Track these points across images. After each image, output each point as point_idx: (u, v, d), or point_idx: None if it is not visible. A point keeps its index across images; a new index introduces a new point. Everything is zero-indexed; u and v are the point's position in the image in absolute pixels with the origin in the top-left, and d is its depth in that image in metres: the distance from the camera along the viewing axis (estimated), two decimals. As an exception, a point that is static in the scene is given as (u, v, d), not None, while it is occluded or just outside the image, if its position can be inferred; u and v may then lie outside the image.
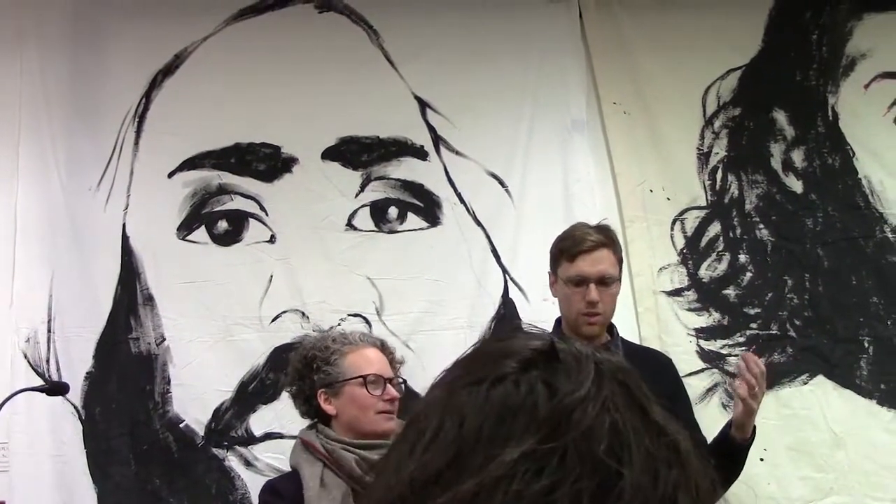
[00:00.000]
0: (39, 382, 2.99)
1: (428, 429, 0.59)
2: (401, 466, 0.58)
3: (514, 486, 0.52)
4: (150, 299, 3.22)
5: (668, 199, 3.38)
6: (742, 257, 3.34)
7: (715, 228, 3.36)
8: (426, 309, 3.26)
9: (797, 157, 3.40)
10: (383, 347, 2.45)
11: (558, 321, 2.60)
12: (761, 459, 3.03)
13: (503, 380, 0.59)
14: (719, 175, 3.39)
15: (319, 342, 2.42)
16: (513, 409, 0.56)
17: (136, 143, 3.31)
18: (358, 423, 2.30)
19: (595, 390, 0.57)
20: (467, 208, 3.34)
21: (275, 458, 3.13)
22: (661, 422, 0.59)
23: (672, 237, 3.36)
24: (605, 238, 2.52)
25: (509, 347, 0.63)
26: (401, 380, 2.41)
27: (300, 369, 2.38)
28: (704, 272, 3.34)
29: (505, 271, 3.31)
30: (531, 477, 0.52)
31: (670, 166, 3.40)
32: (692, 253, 3.35)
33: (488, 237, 3.33)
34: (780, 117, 3.41)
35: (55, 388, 2.74)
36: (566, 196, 3.35)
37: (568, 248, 2.50)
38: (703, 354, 3.26)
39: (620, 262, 2.54)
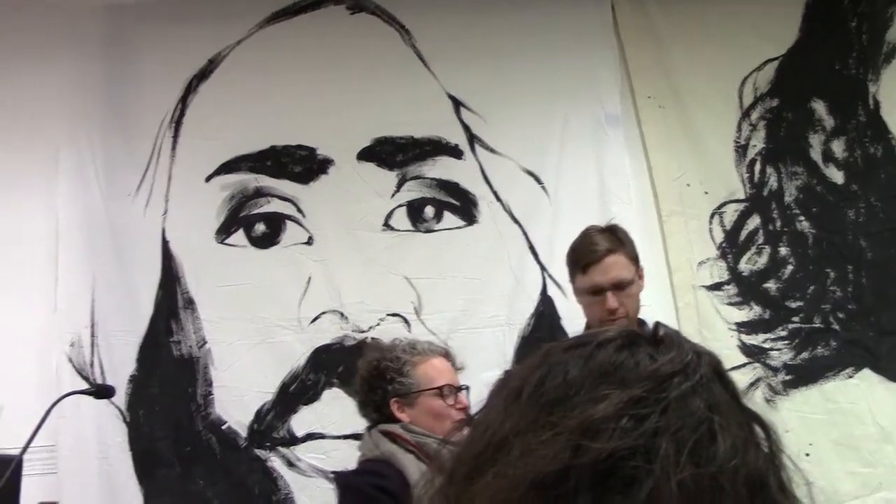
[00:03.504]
0: (85, 386, 3.03)
1: (526, 384, 0.60)
2: (497, 418, 0.59)
3: (622, 424, 0.53)
4: (190, 303, 3.25)
5: (706, 192, 3.35)
6: (783, 250, 3.30)
7: (754, 221, 3.32)
8: (464, 307, 3.26)
9: (837, 147, 3.35)
10: (447, 355, 2.48)
11: (587, 326, 2.58)
12: (807, 455, 2.99)
13: (606, 344, 0.60)
14: (757, 167, 3.35)
15: (388, 352, 2.45)
16: (616, 366, 0.58)
17: (174, 148, 3.34)
18: (433, 432, 2.31)
19: (693, 368, 0.58)
20: (503, 206, 3.34)
21: (317, 458, 3.15)
22: (752, 408, 0.61)
23: (710, 231, 3.33)
24: (614, 242, 2.47)
25: (613, 329, 0.64)
26: (465, 386, 2.44)
27: (370, 379, 2.41)
28: (744, 266, 3.31)
29: (543, 268, 3.30)
30: (636, 421, 0.53)
31: (707, 160, 3.37)
32: (731, 247, 3.32)
33: (525, 234, 3.32)
34: (819, 107, 3.36)
35: (101, 391, 2.77)
36: (602, 191, 3.33)
37: (578, 259, 2.48)
38: (745, 349, 3.23)
39: (635, 259, 2.49)
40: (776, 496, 0.56)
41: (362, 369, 2.46)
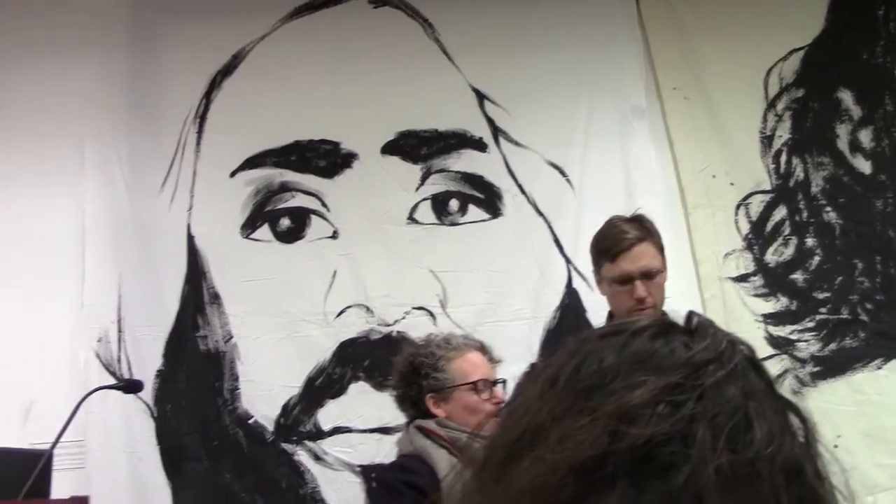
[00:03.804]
0: (112, 381, 3.05)
1: (562, 371, 0.60)
2: (533, 405, 0.59)
3: (659, 410, 0.53)
4: (216, 298, 3.26)
5: (732, 184, 3.34)
6: (809, 241, 3.28)
7: (780, 212, 3.30)
8: (490, 300, 3.26)
9: (865, 137, 3.33)
10: (483, 349, 2.49)
11: (610, 315, 2.57)
12: (835, 446, 2.96)
13: (641, 333, 0.60)
14: (783, 158, 3.34)
15: (423, 347, 2.47)
16: (651, 354, 0.58)
17: (198, 143, 3.35)
18: (468, 426, 2.32)
19: (728, 356, 0.58)
20: (528, 198, 3.33)
21: (343, 452, 3.16)
22: (788, 398, 0.60)
23: (736, 222, 3.32)
24: (642, 231, 2.45)
25: (647, 318, 0.64)
26: (501, 380, 2.44)
27: (406, 374, 2.42)
28: (771, 257, 3.29)
29: (568, 261, 3.29)
30: (673, 407, 0.53)
31: (733, 151, 3.36)
32: (758, 238, 3.30)
33: (550, 227, 3.32)
34: (846, 97, 3.34)
35: (130, 386, 2.79)
36: (627, 183, 3.32)
37: (607, 248, 2.46)
38: (772, 340, 3.21)
39: (662, 249, 2.48)
40: (813, 482, 0.56)
41: (398, 365, 2.48)
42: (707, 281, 3.28)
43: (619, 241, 2.43)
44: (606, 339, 0.61)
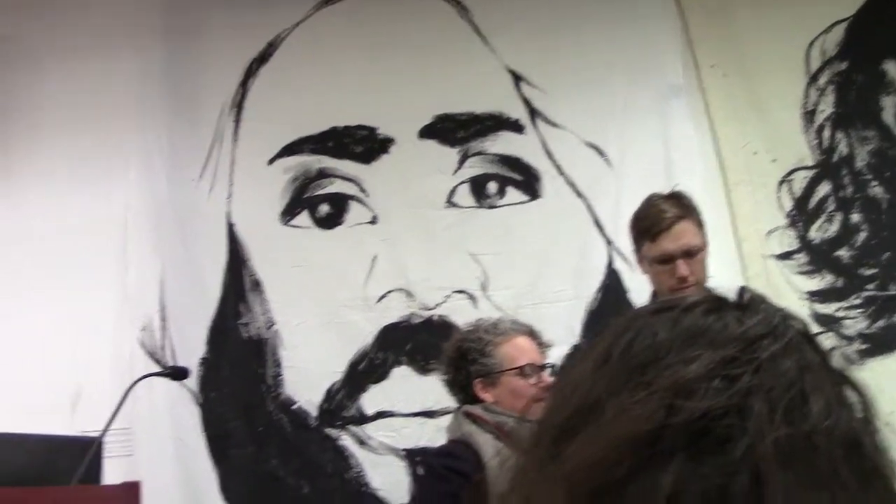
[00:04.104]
0: (158, 369, 3.07)
1: (614, 348, 0.60)
2: (586, 382, 0.59)
3: (714, 384, 0.53)
4: (257, 285, 3.28)
5: (773, 160, 3.29)
6: (855, 216, 3.22)
7: (824, 188, 3.25)
8: (530, 282, 3.25)
9: (911, 109, 3.26)
10: (532, 334, 2.48)
11: (654, 294, 2.55)
12: (886, 424, 2.93)
13: (693, 308, 0.60)
14: (826, 133, 3.27)
15: (471, 333, 2.47)
16: (704, 329, 0.58)
17: (236, 132, 3.37)
18: (516, 411, 2.32)
19: (782, 330, 0.58)
20: (567, 179, 3.31)
21: (387, 436, 3.17)
22: (844, 372, 0.60)
23: (779, 199, 3.27)
24: (682, 209, 2.42)
25: (699, 294, 0.64)
26: (550, 364, 2.44)
27: (454, 359, 2.43)
28: (815, 234, 3.24)
29: (608, 241, 3.26)
30: (728, 381, 0.53)
31: (774, 127, 3.30)
32: (801, 214, 3.25)
33: (590, 207, 3.29)
34: (892, 69, 3.27)
35: (177, 373, 2.80)
36: (667, 162, 3.28)
37: (647, 228, 2.42)
38: (818, 318, 3.16)
39: (702, 226, 2.44)
40: (871, 455, 0.55)
41: (447, 350, 2.49)
42: (750, 259, 3.24)
43: (659, 220, 2.40)
44: (658, 316, 0.60)
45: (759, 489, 0.50)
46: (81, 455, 2.45)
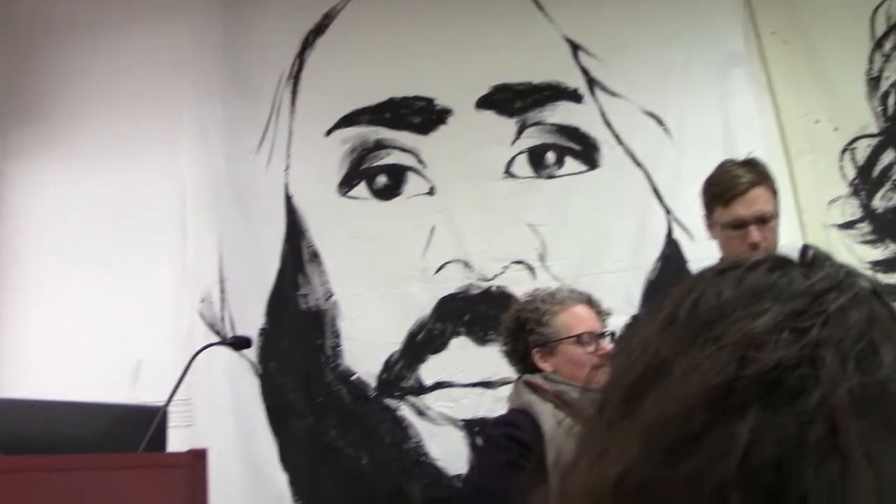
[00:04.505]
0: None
1: (680, 308, 0.60)
2: (652, 344, 0.59)
3: (784, 336, 0.53)
4: (315, 256, 3.29)
5: (835, 129, 3.24)
6: (920, 184, 3.18)
7: (889, 156, 3.20)
8: (589, 253, 3.23)
9: (981, 74, 3.20)
10: (590, 302, 2.48)
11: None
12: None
13: (757, 266, 0.60)
14: (891, 100, 3.22)
15: (529, 303, 2.47)
16: (770, 285, 0.58)
17: (293, 103, 3.37)
18: (575, 380, 2.33)
19: (848, 285, 0.58)
20: (625, 149, 3.28)
21: (446, 406, 3.17)
22: None
23: (841, 168, 3.22)
24: (757, 175, 2.41)
25: (761, 254, 0.65)
26: (609, 333, 2.43)
27: (513, 330, 2.44)
28: (879, 202, 3.19)
29: (667, 211, 3.24)
30: (798, 334, 0.53)
31: (836, 95, 3.25)
32: (864, 183, 3.20)
33: (649, 177, 3.27)
34: (960, 33, 3.22)
35: (240, 342, 2.81)
36: (726, 131, 3.25)
37: (720, 193, 2.40)
38: (882, 288, 3.12)
39: (776, 194, 2.43)
40: None
41: (505, 321, 2.50)
42: (811, 229, 3.20)
43: (733, 185, 2.38)
44: (722, 276, 0.60)
45: (835, 437, 0.50)
46: (145, 424, 2.46)
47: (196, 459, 2.13)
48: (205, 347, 2.77)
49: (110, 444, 2.32)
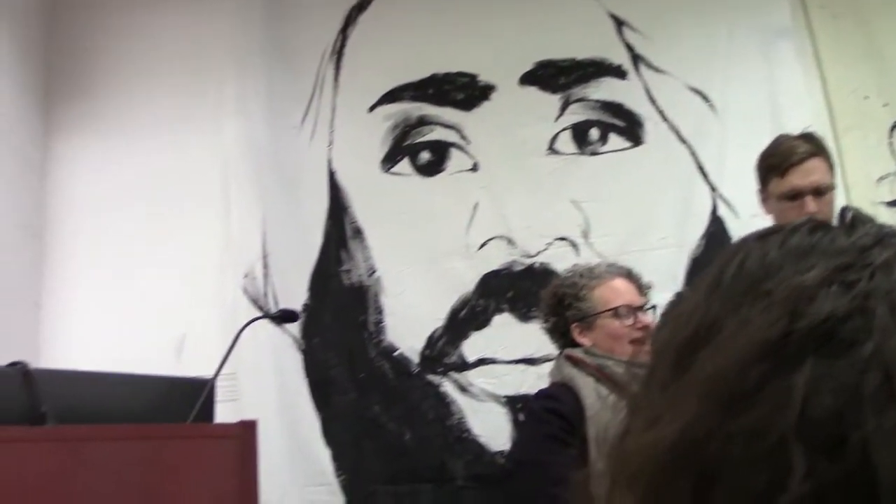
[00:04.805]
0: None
1: (725, 272, 0.60)
2: (700, 307, 0.59)
3: (833, 289, 0.53)
4: (358, 232, 3.29)
5: (885, 104, 3.20)
6: (972, 161, 3.13)
7: (940, 133, 3.16)
8: (633, 230, 3.21)
9: None
10: (629, 276, 2.49)
11: None
12: None
13: (798, 229, 0.60)
14: (943, 76, 3.18)
15: (567, 279, 2.49)
16: (813, 245, 0.58)
17: (336, 79, 3.37)
18: (614, 353, 2.34)
19: (890, 239, 0.58)
20: (670, 125, 3.26)
21: (488, 383, 3.17)
22: None
23: (891, 145, 3.18)
24: (815, 147, 2.39)
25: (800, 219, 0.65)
26: (650, 306, 2.42)
27: (552, 306, 2.46)
28: (928, 180, 3.15)
29: (712, 188, 3.21)
30: (846, 287, 0.53)
31: (887, 70, 3.21)
32: (914, 160, 3.17)
33: (693, 154, 3.24)
34: None
35: (286, 316, 2.81)
36: (773, 107, 3.21)
37: (777, 163, 2.39)
38: (931, 266, 3.08)
39: (832, 167, 2.41)
40: None
41: (544, 297, 2.52)
42: (859, 206, 3.16)
43: (790, 155, 2.36)
44: (765, 239, 0.60)
45: (890, 385, 0.50)
46: (193, 397, 2.47)
47: (246, 430, 2.14)
48: (252, 321, 2.77)
49: (159, 416, 2.33)
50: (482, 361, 3.18)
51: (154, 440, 1.97)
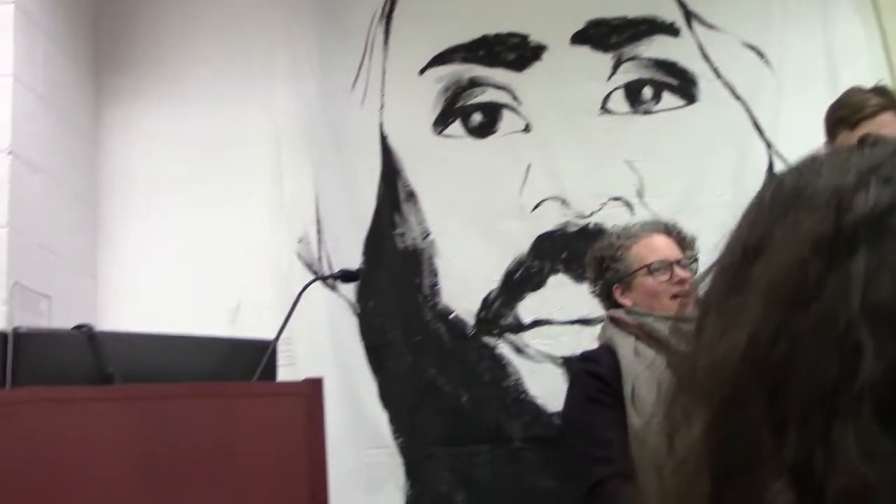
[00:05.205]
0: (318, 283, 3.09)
1: (763, 195, 0.63)
2: (744, 230, 0.63)
3: (872, 185, 0.57)
4: (411, 195, 3.28)
5: (949, 57, 3.15)
6: None
7: None
8: (688, 188, 3.19)
9: None
10: (668, 231, 2.48)
11: None
12: None
13: (823, 153, 0.64)
14: None
15: (605, 241, 2.52)
16: (846, 158, 0.61)
17: (386, 42, 3.35)
18: (653, 310, 2.35)
19: None
20: (724, 83, 3.23)
21: (544, 344, 3.16)
22: None
23: (950, 98, 3.13)
24: (887, 100, 2.36)
25: None
26: (690, 259, 2.42)
27: (595, 269, 2.50)
28: None
29: (768, 145, 3.19)
30: (884, 182, 0.56)
31: (947, 22, 3.16)
32: (976, 113, 3.11)
33: (748, 111, 3.21)
34: None
35: (347, 276, 2.80)
36: (830, 62, 3.18)
37: (847, 116, 2.36)
38: None
39: None
40: None
41: (587, 262, 2.56)
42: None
43: (862, 108, 2.33)
44: (795, 166, 0.64)
45: None
46: (252, 359, 2.48)
47: (313, 387, 2.14)
48: (313, 280, 2.77)
49: (221, 378, 2.34)
50: (538, 323, 3.17)
51: (221, 398, 1.97)
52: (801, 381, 0.53)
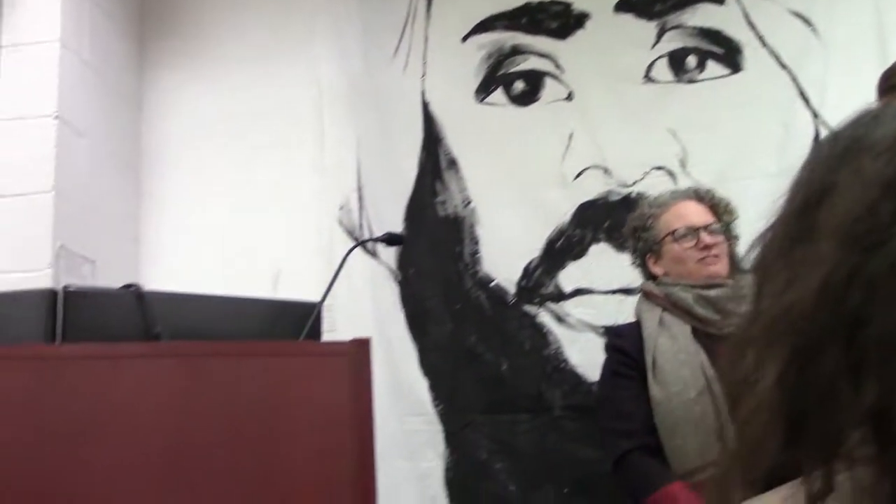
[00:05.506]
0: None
1: (815, 154, 0.65)
2: (802, 180, 0.64)
3: None
4: (453, 163, 3.28)
5: None
6: None
7: None
8: (731, 158, 3.16)
9: None
10: (699, 196, 2.47)
11: None
12: None
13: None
14: None
15: (638, 210, 2.54)
16: (891, 112, 0.62)
17: (428, 10, 3.34)
18: (682, 277, 2.35)
19: None
20: (770, 51, 3.19)
21: (585, 313, 3.15)
22: None
23: None
24: None
25: None
26: (724, 225, 2.41)
27: (629, 241, 2.53)
28: None
29: (815, 114, 3.15)
30: None
31: None
32: None
33: (794, 79, 3.17)
34: None
35: (392, 239, 2.79)
36: (879, 29, 3.13)
37: None
38: None
39: None
40: None
41: (624, 234, 2.59)
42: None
43: None
44: (846, 123, 0.64)
45: None
46: (297, 321, 2.49)
47: (360, 347, 2.16)
48: (357, 245, 2.78)
49: (267, 338, 2.36)
50: (579, 291, 3.16)
51: (269, 357, 1.99)
52: (878, 323, 0.52)
